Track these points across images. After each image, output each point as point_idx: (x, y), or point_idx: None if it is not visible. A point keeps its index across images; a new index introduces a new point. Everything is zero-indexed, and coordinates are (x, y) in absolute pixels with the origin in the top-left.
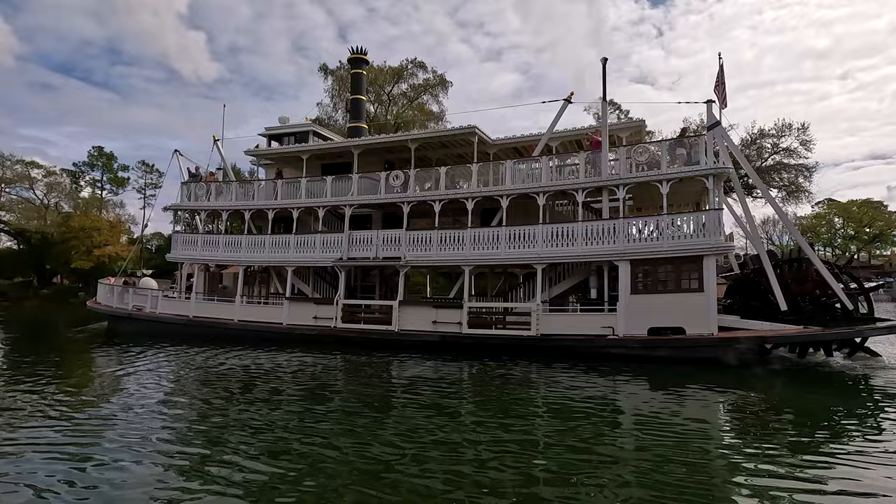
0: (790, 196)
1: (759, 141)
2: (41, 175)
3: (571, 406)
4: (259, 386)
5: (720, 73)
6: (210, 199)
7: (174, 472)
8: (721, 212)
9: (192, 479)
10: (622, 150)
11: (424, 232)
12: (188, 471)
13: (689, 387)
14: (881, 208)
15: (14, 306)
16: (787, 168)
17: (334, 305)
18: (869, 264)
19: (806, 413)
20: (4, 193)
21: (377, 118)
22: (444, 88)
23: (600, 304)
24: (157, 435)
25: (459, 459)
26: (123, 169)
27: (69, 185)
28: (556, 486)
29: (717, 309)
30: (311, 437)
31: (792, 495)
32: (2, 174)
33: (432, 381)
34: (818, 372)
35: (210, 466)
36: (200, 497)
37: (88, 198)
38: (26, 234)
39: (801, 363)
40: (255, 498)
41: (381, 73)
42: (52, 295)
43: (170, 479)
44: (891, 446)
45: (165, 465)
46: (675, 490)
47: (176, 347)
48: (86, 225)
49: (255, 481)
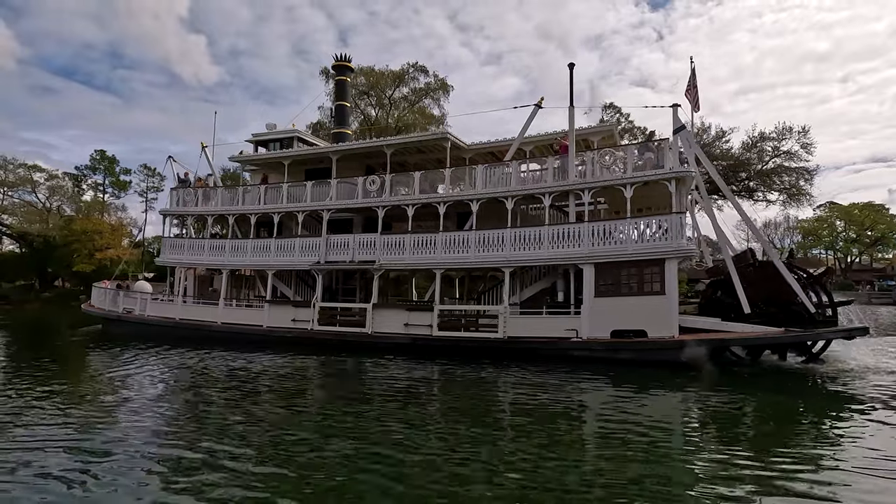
0: (791, 199)
1: (760, 144)
2: (43, 178)
3: (527, 409)
4: (221, 391)
5: (692, 77)
6: (197, 205)
7: (144, 475)
8: (683, 215)
9: (160, 482)
10: (588, 155)
11: (398, 236)
12: (161, 476)
13: (647, 389)
14: (883, 211)
15: (16, 309)
16: (788, 171)
17: (311, 308)
18: (871, 267)
19: (763, 415)
20: (7, 197)
21: (378, 122)
22: (445, 92)
23: (567, 307)
24: (130, 438)
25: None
26: (125, 172)
27: (71, 189)
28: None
29: (678, 311)
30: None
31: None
32: (4, 178)
33: (388, 385)
34: (782, 374)
35: (178, 469)
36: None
37: (90, 201)
38: (28, 238)
39: (780, 365)
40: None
41: (382, 76)
42: (53, 298)
43: (139, 485)
44: (850, 449)
45: (135, 470)
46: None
47: (156, 349)
48: (88, 228)
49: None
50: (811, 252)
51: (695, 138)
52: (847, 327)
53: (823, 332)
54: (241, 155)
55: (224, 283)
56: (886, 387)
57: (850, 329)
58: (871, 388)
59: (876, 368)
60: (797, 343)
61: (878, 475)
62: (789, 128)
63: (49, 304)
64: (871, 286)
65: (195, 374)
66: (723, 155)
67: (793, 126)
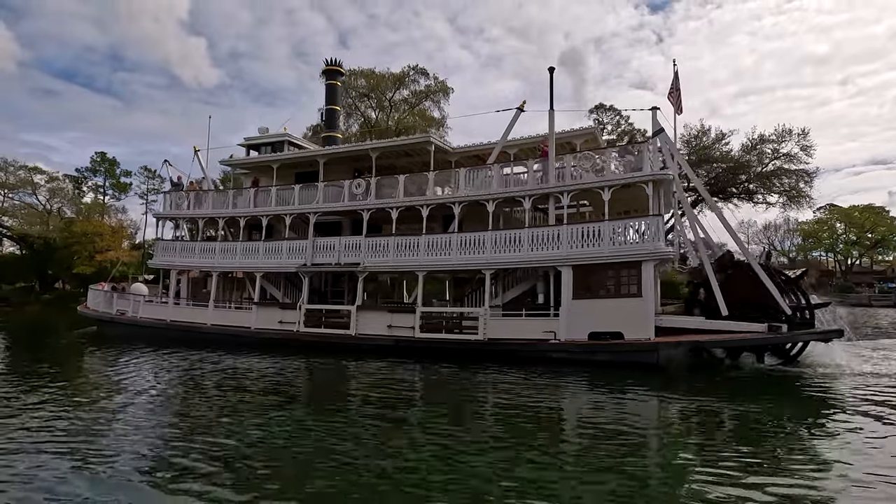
0: (791, 201)
1: (760, 146)
2: (44, 180)
3: (499, 411)
4: (197, 393)
5: (675, 80)
6: (189, 208)
7: (123, 480)
8: (660, 218)
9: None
10: (568, 158)
11: (382, 238)
12: (142, 487)
13: (623, 391)
14: (883, 214)
15: (16, 311)
16: (788, 173)
17: (297, 310)
18: (871, 270)
19: (734, 418)
20: (7, 199)
21: (378, 124)
22: (445, 95)
23: (547, 309)
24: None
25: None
26: (126, 174)
27: (72, 191)
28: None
29: (655, 312)
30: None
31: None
32: (5, 180)
33: (369, 386)
34: (759, 376)
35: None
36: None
37: (91, 203)
38: (29, 240)
39: (758, 367)
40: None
41: (382, 79)
42: (53, 300)
43: (115, 488)
44: (824, 452)
45: (111, 476)
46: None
47: (142, 351)
48: (88, 230)
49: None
50: (811, 254)
51: (696, 140)
52: (822, 330)
53: (798, 335)
54: (231, 159)
55: (214, 285)
56: (861, 389)
57: (825, 332)
58: (848, 391)
59: (853, 371)
60: (773, 345)
61: (839, 477)
62: (789, 130)
63: (49, 306)
64: (872, 288)
65: (175, 376)
66: (722, 157)
67: (792, 128)
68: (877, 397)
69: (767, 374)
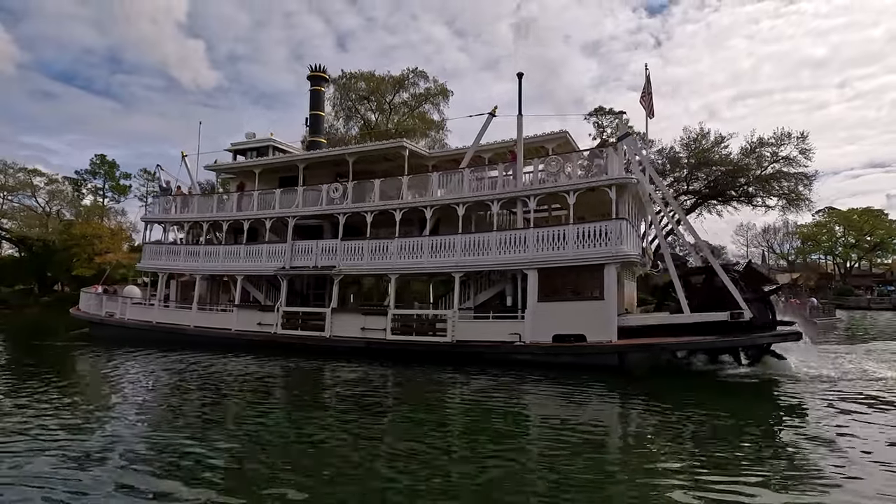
0: (790, 204)
1: (759, 149)
2: (43, 183)
3: (448, 413)
4: (165, 393)
5: (647, 84)
6: (176, 212)
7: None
8: (622, 222)
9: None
10: (536, 162)
11: (357, 242)
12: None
13: (580, 393)
14: (882, 217)
15: (14, 314)
16: (787, 176)
17: (275, 312)
18: (870, 272)
19: (697, 420)
20: (7, 201)
21: (378, 126)
22: (444, 97)
23: (515, 312)
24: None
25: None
26: (125, 177)
27: (71, 193)
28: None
29: (619, 313)
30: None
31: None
32: (4, 182)
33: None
34: (719, 379)
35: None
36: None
37: (90, 205)
38: (28, 242)
39: (720, 370)
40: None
41: (382, 82)
42: (52, 302)
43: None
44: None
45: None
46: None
47: (123, 352)
48: (87, 232)
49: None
50: (810, 257)
51: (695, 144)
52: (781, 332)
53: (755, 337)
54: (215, 164)
55: (197, 287)
56: (827, 393)
57: (783, 334)
58: (798, 393)
59: (821, 377)
60: (733, 348)
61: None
62: (788, 133)
63: (48, 309)
64: (871, 292)
65: (149, 377)
66: (722, 160)
67: (791, 131)
68: (825, 399)
69: (721, 375)
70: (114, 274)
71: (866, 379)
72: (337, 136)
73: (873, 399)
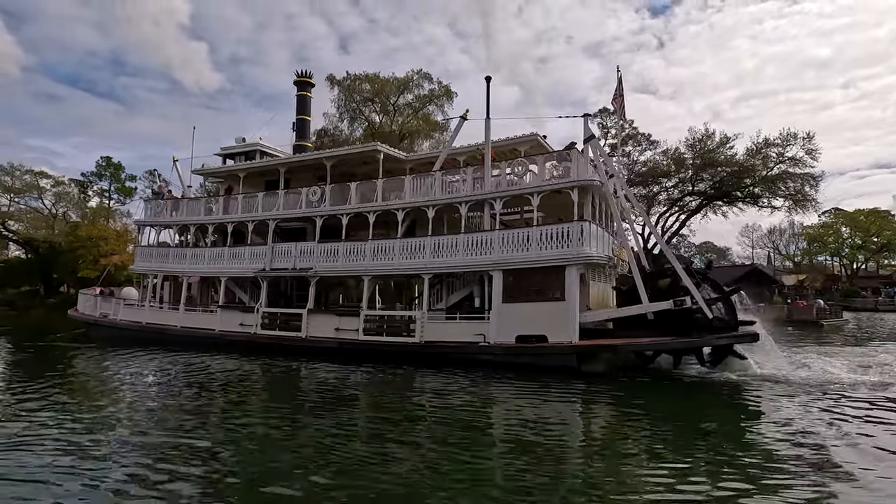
0: (797, 205)
1: (765, 150)
2: (49, 185)
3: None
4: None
5: (619, 86)
6: (170, 215)
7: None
8: (583, 223)
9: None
10: (503, 165)
11: (333, 244)
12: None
13: (537, 394)
14: (888, 217)
15: (20, 315)
16: (793, 177)
17: (255, 313)
18: (877, 274)
19: (652, 420)
20: (13, 203)
21: (382, 128)
22: (449, 99)
23: (482, 313)
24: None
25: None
26: (131, 179)
27: (77, 195)
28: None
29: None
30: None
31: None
32: (11, 184)
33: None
34: (677, 380)
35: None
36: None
37: (96, 207)
38: (34, 244)
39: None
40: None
41: (386, 83)
42: (58, 304)
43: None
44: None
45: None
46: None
47: (113, 350)
48: (93, 234)
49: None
50: (816, 259)
51: (700, 144)
52: (736, 334)
53: (713, 338)
54: (203, 168)
55: (184, 289)
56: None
57: (739, 335)
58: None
59: (776, 376)
60: (693, 349)
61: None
62: (794, 134)
63: (53, 310)
64: (878, 293)
65: (126, 375)
66: (727, 161)
67: (797, 132)
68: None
69: (681, 375)
70: (119, 276)
71: (824, 380)
72: (341, 137)
73: (827, 399)
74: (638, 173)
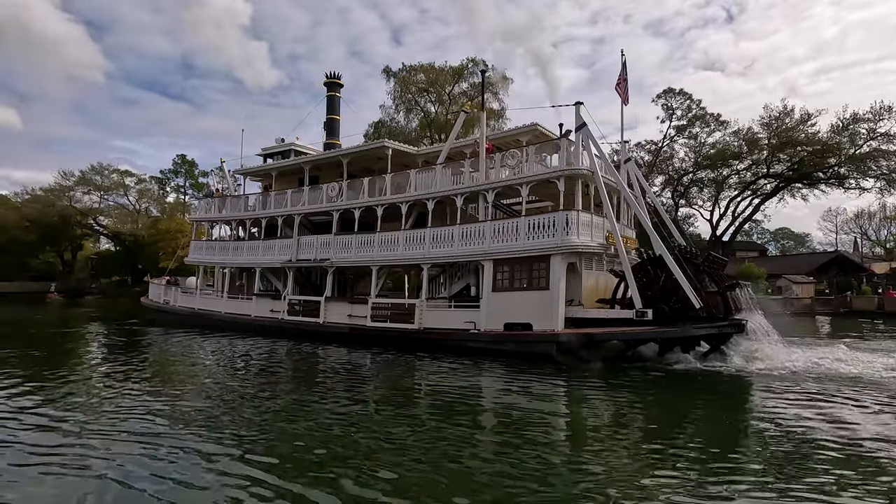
0: (890, 186)
1: (852, 126)
2: (133, 182)
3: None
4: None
5: (623, 70)
6: (220, 212)
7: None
8: (568, 213)
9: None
10: (497, 156)
11: (347, 236)
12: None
13: (515, 379)
14: None
15: (111, 303)
16: (886, 155)
17: (283, 300)
18: None
19: (629, 410)
20: (103, 200)
21: (438, 118)
22: (504, 86)
23: (477, 301)
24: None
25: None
26: (204, 175)
27: (157, 191)
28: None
29: (564, 305)
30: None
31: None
32: (101, 182)
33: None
34: (668, 371)
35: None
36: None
37: (173, 202)
38: (121, 237)
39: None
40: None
41: (441, 73)
42: (142, 292)
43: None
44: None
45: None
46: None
47: (170, 332)
48: (171, 228)
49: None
50: None
51: (777, 122)
52: (718, 324)
53: (690, 328)
54: (242, 168)
55: (228, 278)
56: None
57: (720, 325)
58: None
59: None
60: (682, 340)
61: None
62: (888, 107)
63: (137, 298)
64: None
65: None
66: (808, 140)
67: (892, 105)
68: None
69: (670, 366)
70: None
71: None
72: (398, 129)
73: (826, 393)
74: (706, 156)
